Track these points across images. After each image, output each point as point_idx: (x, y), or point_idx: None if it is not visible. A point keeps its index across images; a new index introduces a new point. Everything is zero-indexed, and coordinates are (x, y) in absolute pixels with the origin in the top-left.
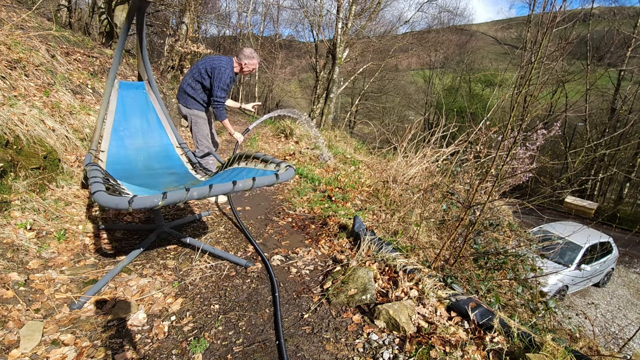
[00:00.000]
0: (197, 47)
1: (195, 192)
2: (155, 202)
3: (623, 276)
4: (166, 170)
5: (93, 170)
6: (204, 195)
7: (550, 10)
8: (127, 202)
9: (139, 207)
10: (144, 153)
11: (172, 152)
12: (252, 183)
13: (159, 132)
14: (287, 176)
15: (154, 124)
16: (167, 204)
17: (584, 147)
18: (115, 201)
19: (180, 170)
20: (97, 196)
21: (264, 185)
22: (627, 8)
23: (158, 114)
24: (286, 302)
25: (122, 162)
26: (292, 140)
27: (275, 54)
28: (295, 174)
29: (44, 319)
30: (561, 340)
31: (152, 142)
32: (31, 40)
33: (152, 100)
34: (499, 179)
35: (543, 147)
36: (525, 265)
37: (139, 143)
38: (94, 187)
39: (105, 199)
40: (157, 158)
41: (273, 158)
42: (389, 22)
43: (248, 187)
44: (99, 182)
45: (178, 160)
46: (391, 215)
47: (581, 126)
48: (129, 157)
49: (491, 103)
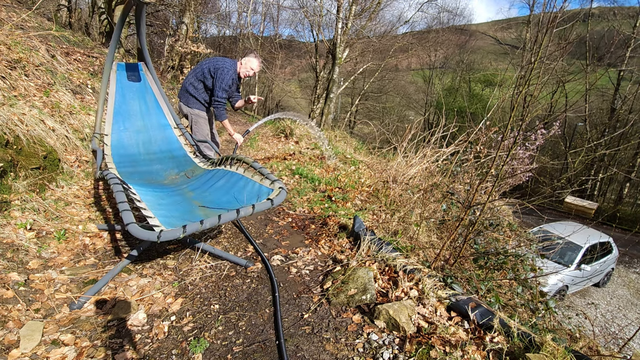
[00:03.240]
0: (197, 47)
1: (208, 222)
2: (177, 235)
3: (623, 276)
4: (166, 154)
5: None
6: (214, 224)
7: (550, 11)
8: (156, 237)
9: (165, 240)
10: (144, 135)
11: (170, 134)
12: (252, 210)
13: (157, 114)
14: (279, 200)
15: (152, 105)
16: (187, 234)
17: (584, 147)
18: (147, 235)
19: (179, 154)
20: (130, 228)
21: (261, 210)
22: (626, 8)
23: (155, 95)
24: (286, 302)
25: (125, 146)
26: (292, 140)
27: (275, 54)
28: (295, 174)
29: (44, 319)
30: (561, 340)
31: (151, 124)
32: (31, 40)
33: (150, 81)
34: (499, 179)
35: (543, 147)
36: (525, 265)
37: (138, 125)
38: (126, 219)
39: (139, 233)
40: (157, 141)
41: (269, 173)
42: (389, 22)
43: (249, 214)
44: (128, 211)
45: (177, 143)
46: (391, 215)
47: (581, 126)
48: (130, 141)
49: (491, 103)
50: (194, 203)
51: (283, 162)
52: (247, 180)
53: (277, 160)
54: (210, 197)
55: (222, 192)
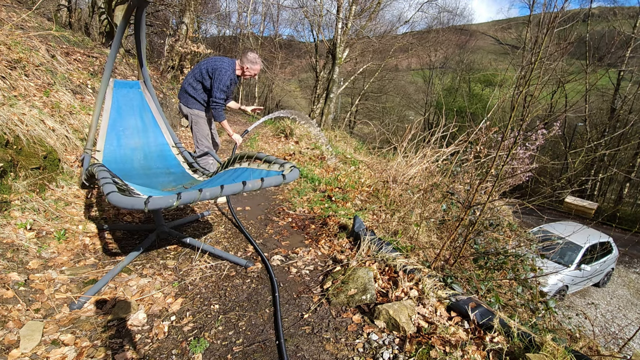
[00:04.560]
0: (197, 47)
1: (208, 192)
2: (170, 202)
3: (623, 276)
4: (163, 170)
5: (102, 172)
6: (216, 195)
7: (550, 11)
8: (143, 203)
9: (154, 208)
10: (140, 152)
11: (167, 152)
12: (260, 183)
13: (154, 132)
14: (293, 176)
15: (149, 123)
16: (181, 204)
17: (584, 147)
18: (131, 202)
19: (177, 170)
20: (111, 197)
21: (271, 185)
22: (627, 8)
23: (153, 113)
24: (286, 302)
25: (118, 161)
26: (292, 140)
27: (275, 54)
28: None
29: (44, 319)
30: (561, 340)
31: (147, 142)
32: (31, 40)
33: (148, 99)
34: (499, 179)
35: (543, 147)
36: (525, 265)
37: (135, 142)
38: (107, 188)
39: (120, 200)
40: (153, 158)
41: (276, 159)
42: (389, 22)
43: (257, 187)
44: (110, 183)
45: (174, 160)
46: (391, 215)
47: (581, 126)
48: (125, 157)
49: (491, 103)
50: None
51: None
52: (253, 170)
53: None
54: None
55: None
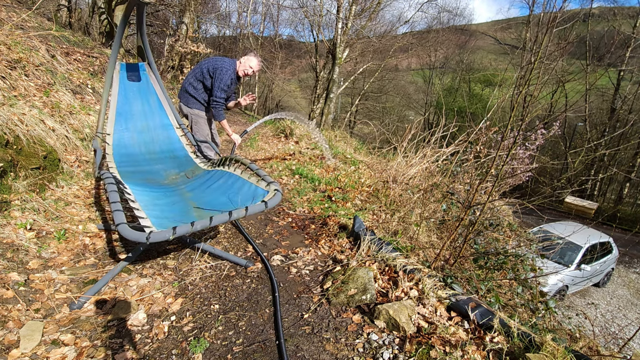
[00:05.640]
0: (197, 47)
1: (199, 224)
2: (167, 236)
3: (623, 276)
4: (168, 154)
5: (112, 193)
6: (206, 226)
7: (550, 11)
8: (145, 238)
9: (154, 241)
10: (146, 136)
11: (172, 134)
12: (245, 212)
13: (159, 114)
14: (274, 202)
15: (154, 105)
16: (177, 237)
17: (584, 147)
18: (136, 235)
19: (181, 154)
20: (121, 228)
21: (254, 213)
22: (627, 8)
23: (158, 95)
24: (286, 302)
25: (127, 145)
26: (292, 140)
27: (275, 54)
28: (295, 174)
29: (44, 319)
30: (561, 340)
31: (153, 124)
32: (31, 40)
33: (152, 81)
34: (499, 179)
35: (543, 147)
36: (525, 265)
37: (141, 125)
38: (118, 219)
39: (128, 233)
40: (159, 141)
41: (265, 175)
42: (389, 22)
43: (242, 216)
44: (119, 211)
45: (178, 143)
46: (391, 215)
47: (581, 126)
48: (132, 140)
49: (491, 103)
50: (190, 204)
51: (283, 162)
52: (243, 181)
53: (277, 160)
54: (207, 198)
55: (219, 192)
